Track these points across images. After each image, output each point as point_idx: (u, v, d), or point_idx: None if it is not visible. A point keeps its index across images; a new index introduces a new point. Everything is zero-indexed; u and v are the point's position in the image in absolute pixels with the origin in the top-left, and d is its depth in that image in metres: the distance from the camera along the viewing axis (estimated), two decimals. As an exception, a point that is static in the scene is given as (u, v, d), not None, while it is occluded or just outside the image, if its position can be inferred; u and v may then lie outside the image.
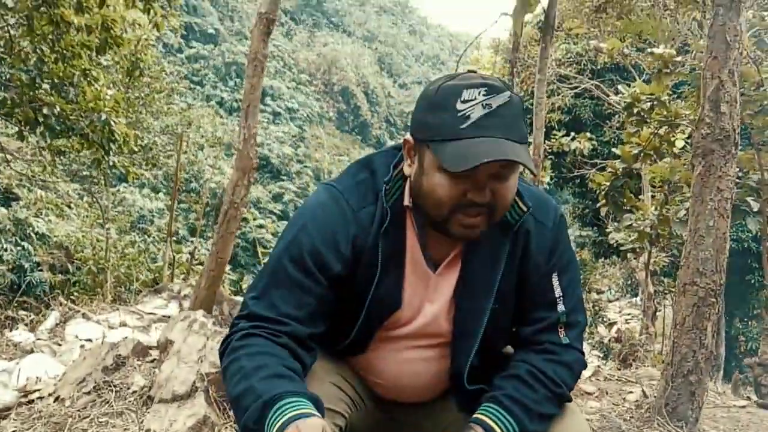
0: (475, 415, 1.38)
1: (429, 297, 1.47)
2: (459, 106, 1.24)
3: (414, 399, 1.61)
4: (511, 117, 1.25)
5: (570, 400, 1.50)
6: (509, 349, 1.61)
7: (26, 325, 4.72)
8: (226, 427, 2.72)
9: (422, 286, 1.46)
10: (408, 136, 1.35)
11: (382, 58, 65.94)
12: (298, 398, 1.17)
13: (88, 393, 2.87)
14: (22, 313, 5.86)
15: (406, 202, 1.41)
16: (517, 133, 1.25)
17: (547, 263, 1.46)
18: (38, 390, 3.05)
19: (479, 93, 1.24)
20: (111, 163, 7.20)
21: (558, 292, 1.46)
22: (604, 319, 14.33)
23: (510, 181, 1.29)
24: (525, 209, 1.41)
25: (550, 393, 1.41)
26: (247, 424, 1.20)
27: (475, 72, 1.34)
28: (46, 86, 6.49)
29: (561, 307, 1.46)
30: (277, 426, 1.13)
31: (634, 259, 10.07)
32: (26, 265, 10.07)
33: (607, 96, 12.41)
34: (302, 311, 1.34)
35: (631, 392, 4.07)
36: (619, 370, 5.69)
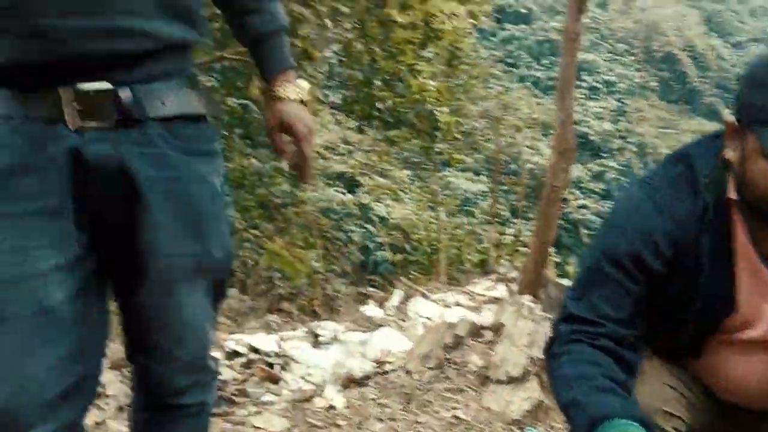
0: None
1: None
2: None
3: (764, 405, 1.46)
4: None
5: None
6: None
7: (375, 301, 5.33)
8: (558, 413, 2.77)
9: (759, 286, 1.30)
10: (731, 117, 1.21)
11: (709, 17, 59.10)
12: (627, 422, 1.14)
13: (432, 368, 3.14)
14: (370, 289, 6.64)
15: (731, 194, 1.27)
16: None
17: None
18: (390, 362, 3.43)
19: None
20: (437, 150, 7.69)
21: None
22: None
23: None
24: None
25: None
26: None
27: None
28: (378, 83, 7.11)
29: None
30: None
31: None
32: (371, 246, 11.35)
33: None
34: (621, 312, 1.30)
35: None
36: None
